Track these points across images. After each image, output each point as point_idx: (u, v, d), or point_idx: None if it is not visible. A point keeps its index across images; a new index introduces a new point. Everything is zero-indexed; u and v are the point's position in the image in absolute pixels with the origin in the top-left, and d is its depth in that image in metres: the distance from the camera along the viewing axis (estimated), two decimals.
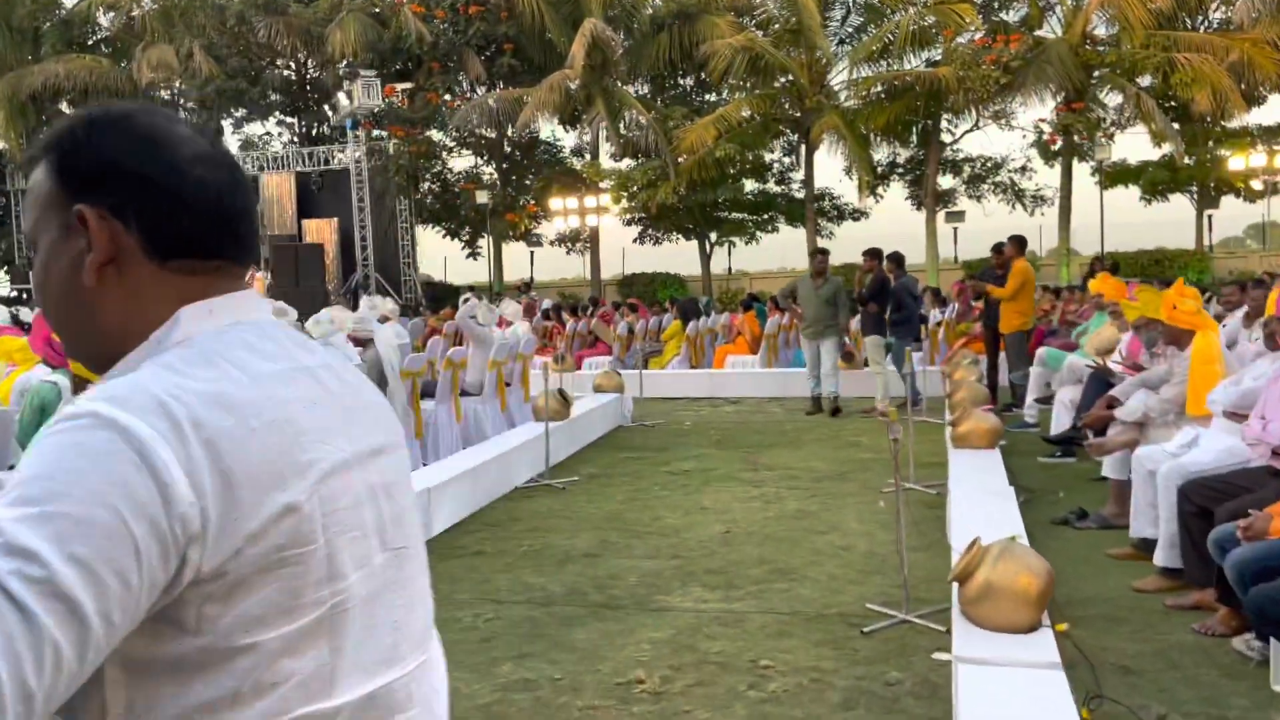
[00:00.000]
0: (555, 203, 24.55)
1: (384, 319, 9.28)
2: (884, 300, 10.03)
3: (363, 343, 7.86)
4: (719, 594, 4.62)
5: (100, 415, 0.80)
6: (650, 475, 7.47)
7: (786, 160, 26.70)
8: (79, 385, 4.03)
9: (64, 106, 26.57)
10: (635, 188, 24.59)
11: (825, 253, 10.67)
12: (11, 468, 4.96)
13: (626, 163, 25.27)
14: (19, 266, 25.74)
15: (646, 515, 6.19)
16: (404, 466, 1.05)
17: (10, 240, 26.83)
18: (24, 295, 23.95)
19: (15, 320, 11.27)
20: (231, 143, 28.75)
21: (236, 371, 0.88)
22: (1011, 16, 23.31)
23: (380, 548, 0.96)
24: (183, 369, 0.86)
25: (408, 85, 23.84)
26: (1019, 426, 8.49)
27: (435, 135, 24.66)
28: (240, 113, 27.18)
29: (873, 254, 10.43)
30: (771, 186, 27.34)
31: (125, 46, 26.14)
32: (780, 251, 30.37)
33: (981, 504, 5.01)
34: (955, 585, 3.54)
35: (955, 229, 26.85)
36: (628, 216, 26.13)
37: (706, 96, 26.34)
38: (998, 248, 9.85)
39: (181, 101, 27.01)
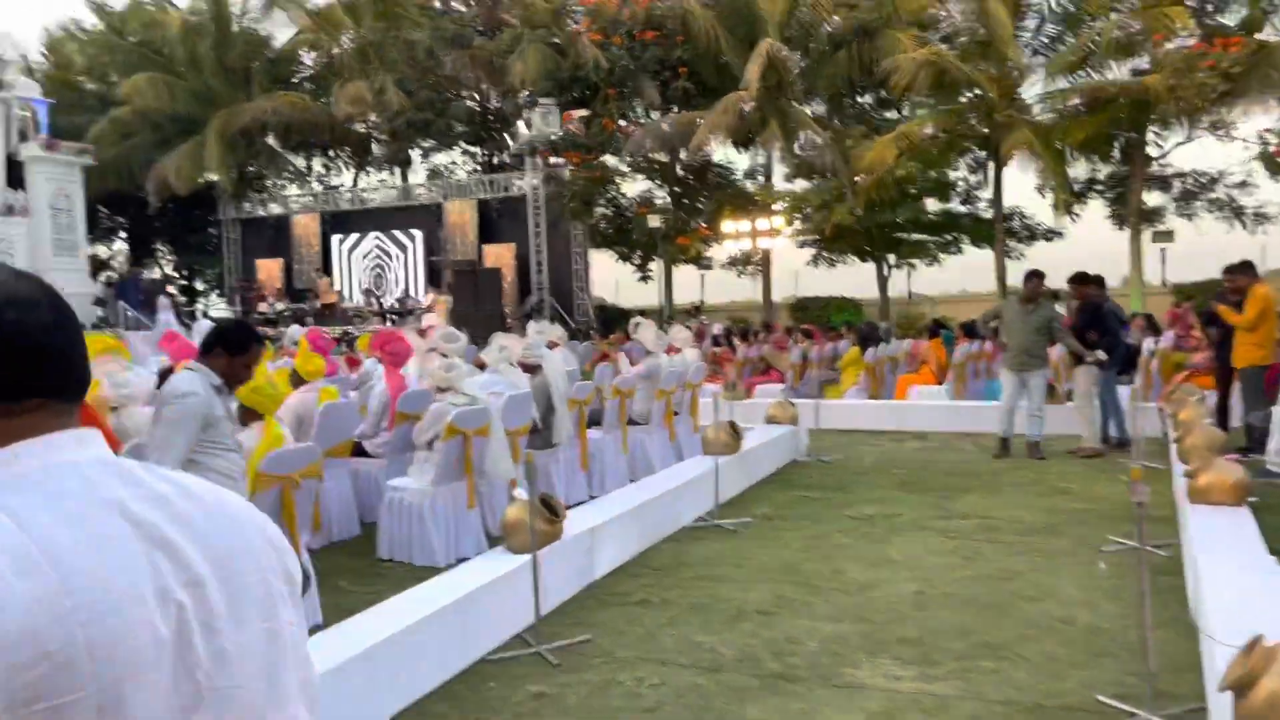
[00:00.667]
0: (727, 225, 24.20)
1: (552, 344, 9.11)
2: (1103, 327, 9.03)
3: (532, 369, 7.68)
4: (915, 670, 4.02)
5: None
6: (829, 519, 6.89)
7: (973, 178, 25.34)
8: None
9: (270, 139, 28.50)
10: (810, 209, 23.90)
11: (1040, 275, 9.37)
12: None
13: (800, 184, 24.58)
14: (230, 290, 27.64)
15: (826, 567, 5.63)
16: (250, 593, 0.99)
17: (221, 266, 28.89)
18: (235, 315, 25.67)
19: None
20: (419, 172, 30.06)
21: (29, 512, 0.88)
22: (1229, 19, 21.23)
23: (191, 692, 0.91)
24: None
25: (584, 112, 24.11)
26: (1262, 476, 7.38)
27: (609, 160, 24.84)
28: (428, 143, 28.30)
29: (1078, 279, 9.47)
30: (955, 206, 26.00)
31: (325, 83, 27.74)
32: (963, 274, 28.88)
33: (1236, 579, 4.19)
34: (1228, 694, 2.84)
35: (1163, 249, 24.70)
36: (801, 239, 25.39)
37: (886, 114, 25.38)
38: (1234, 268, 8.64)
39: (374, 134, 28.43)
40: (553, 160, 24.29)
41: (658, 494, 6.58)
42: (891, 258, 26.27)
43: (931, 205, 25.37)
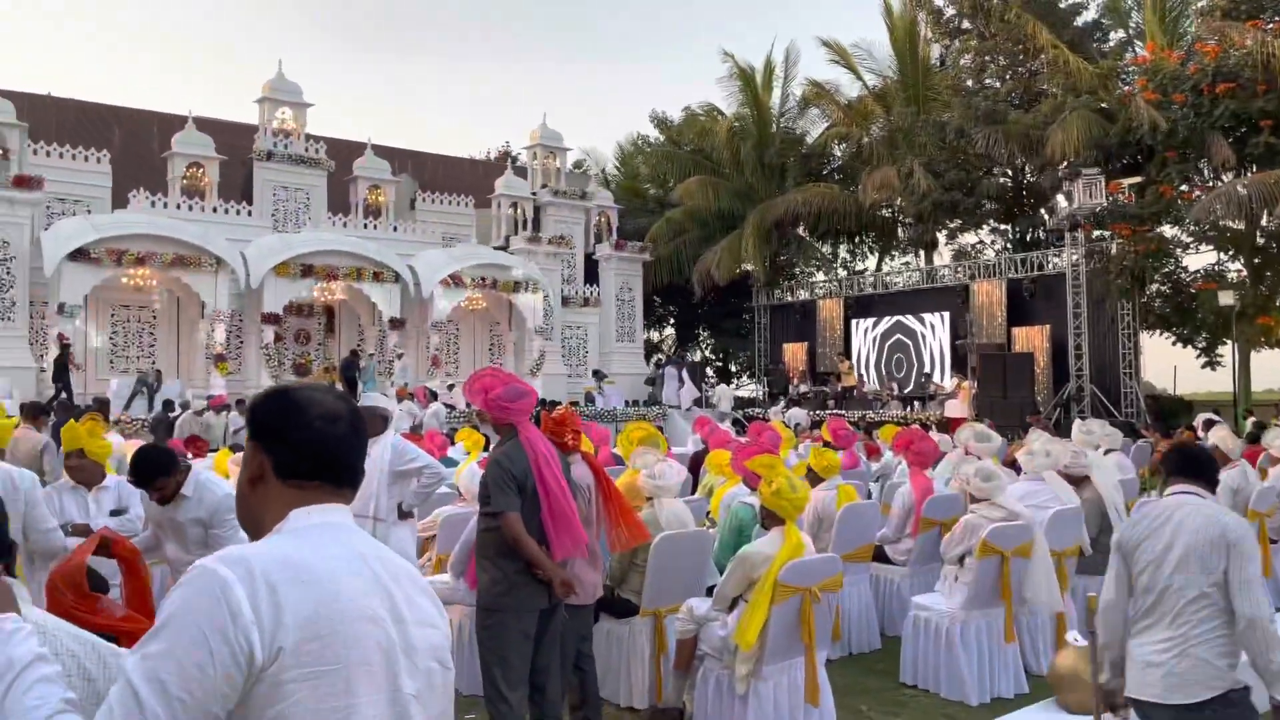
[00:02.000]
0: None
1: (1104, 449, 7.86)
2: None
3: (1078, 480, 6.62)
4: None
5: (206, 567, 1.39)
6: None
7: None
8: None
9: (800, 229, 29.87)
10: None
11: None
12: (711, 589, 4.87)
13: None
14: (762, 374, 29.24)
15: None
16: (431, 637, 1.57)
17: (752, 349, 30.72)
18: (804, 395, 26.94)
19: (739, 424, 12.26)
20: (944, 253, 29.33)
21: (308, 548, 1.47)
22: None
23: (389, 688, 1.47)
24: (274, 542, 1.49)
25: (1135, 180, 21.62)
26: None
27: (1167, 231, 21.88)
28: (954, 224, 27.56)
29: None
30: None
31: (853, 172, 28.45)
32: None
33: None
34: None
35: None
36: None
37: None
38: None
39: (901, 217, 28.40)
40: (1096, 234, 22.07)
41: None
42: None
43: None
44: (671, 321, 36.18)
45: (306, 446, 1.59)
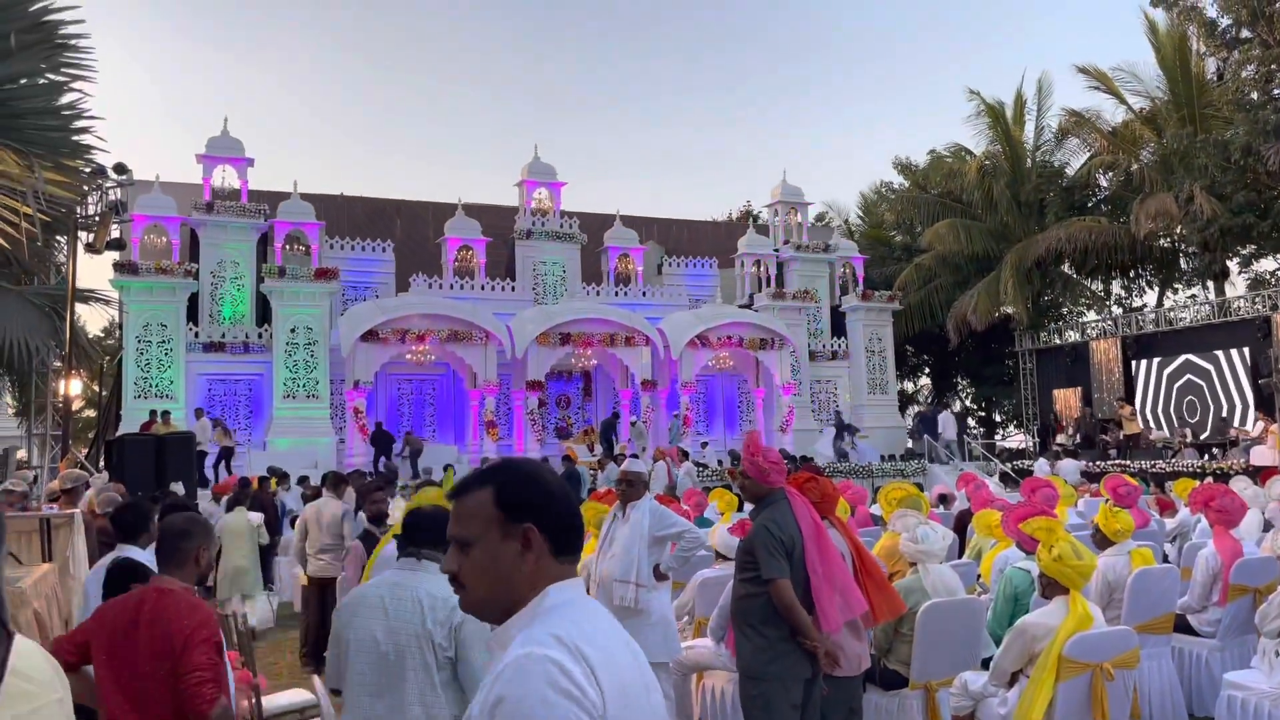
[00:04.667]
0: None
1: None
2: None
3: None
4: None
5: (534, 654, 1.50)
6: None
7: None
8: None
9: (1065, 267, 27.97)
10: None
11: None
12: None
13: None
14: (1030, 422, 27.43)
15: None
16: (660, 703, 1.66)
17: (1018, 397, 28.90)
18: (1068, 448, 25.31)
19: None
20: (1238, 284, 26.45)
21: (589, 625, 1.59)
22: None
23: None
24: (562, 623, 1.58)
25: None
26: None
27: None
28: (1247, 250, 24.81)
29: None
30: None
31: (1122, 203, 26.39)
32: None
33: None
34: None
35: None
36: None
37: None
38: None
39: (1182, 247, 25.95)
40: None
41: None
42: None
43: None
44: (926, 371, 34.82)
45: (567, 519, 1.71)
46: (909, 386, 35.74)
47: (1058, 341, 27.27)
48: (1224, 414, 22.15)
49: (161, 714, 3.00)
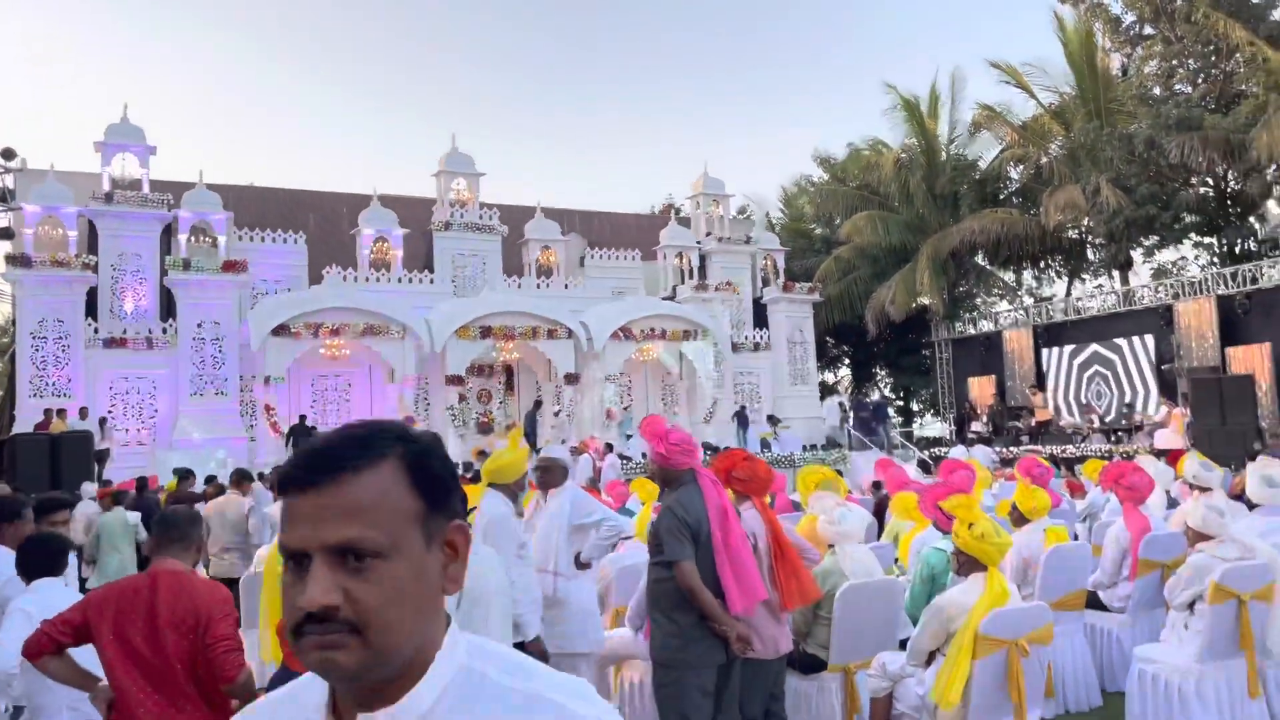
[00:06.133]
0: None
1: None
2: None
3: None
4: None
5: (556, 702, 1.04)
6: None
7: None
8: None
9: (979, 258, 28.59)
10: None
11: None
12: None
13: None
14: (945, 411, 27.98)
15: None
16: None
17: (934, 386, 29.47)
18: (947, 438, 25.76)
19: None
20: (1142, 273, 27.36)
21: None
22: None
23: None
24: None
25: None
26: None
27: None
28: (1151, 241, 25.68)
29: None
30: None
31: (1033, 195, 27.07)
32: None
33: None
34: None
35: None
36: None
37: None
38: None
39: (1090, 238, 26.73)
40: None
41: None
42: None
43: None
44: (846, 362, 35.29)
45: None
46: (830, 377, 36.18)
47: (972, 331, 27.86)
48: (1129, 400, 22.88)
49: (180, 689, 3.12)
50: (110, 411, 20.15)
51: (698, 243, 27.51)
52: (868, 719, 4.44)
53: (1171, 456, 11.85)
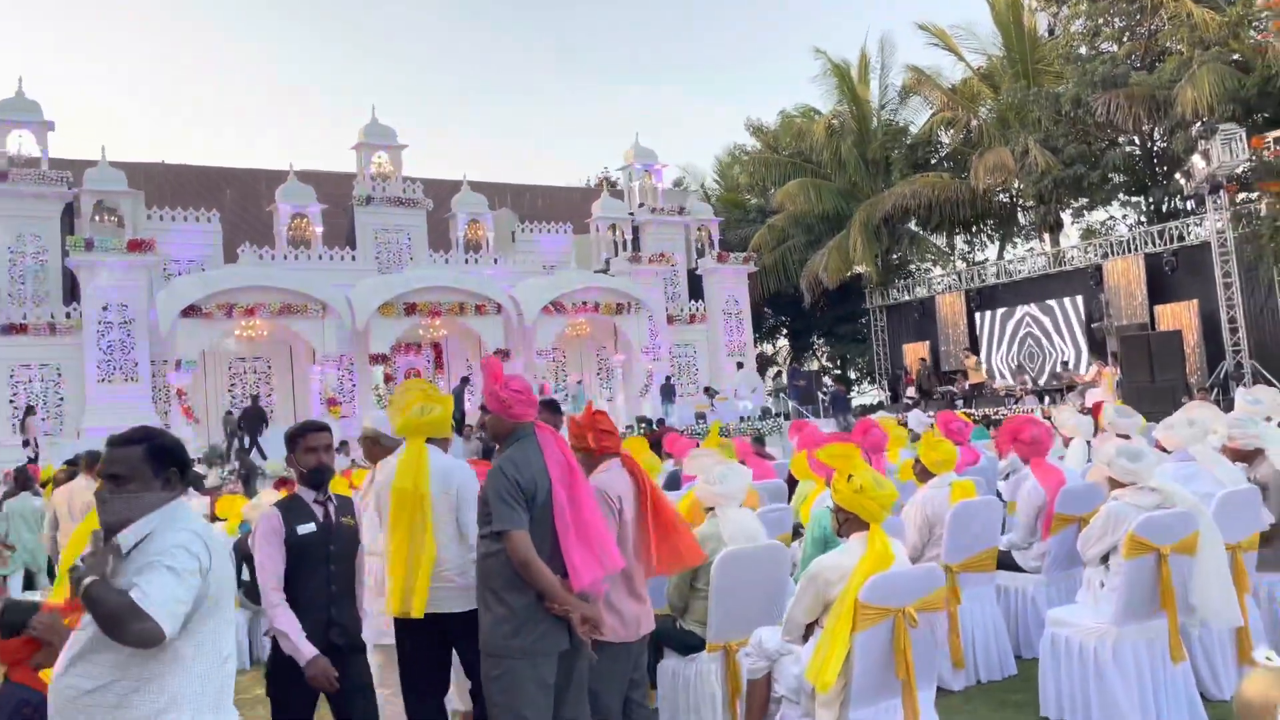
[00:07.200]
0: None
1: (1277, 421, 6.62)
2: None
3: (1247, 455, 5.50)
4: None
5: None
6: None
7: None
8: None
9: (911, 224, 28.42)
10: None
11: None
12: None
13: None
14: (880, 378, 27.86)
15: None
16: None
17: (870, 353, 29.35)
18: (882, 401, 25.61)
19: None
20: (1072, 234, 27.41)
21: None
22: None
23: None
24: None
25: None
26: None
27: None
28: (1080, 202, 25.68)
29: None
30: None
31: (963, 159, 26.92)
32: None
33: None
34: None
35: None
36: None
37: None
38: None
39: (1020, 201, 26.67)
40: (1242, 195, 20.04)
41: None
42: None
43: None
44: (784, 332, 35.05)
45: None
46: (768, 348, 35.92)
47: (906, 298, 27.73)
48: (1062, 360, 22.89)
49: None
50: (13, 401, 19.12)
51: (631, 214, 26.95)
52: (745, 702, 3.99)
53: (1095, 409, 11.65)
